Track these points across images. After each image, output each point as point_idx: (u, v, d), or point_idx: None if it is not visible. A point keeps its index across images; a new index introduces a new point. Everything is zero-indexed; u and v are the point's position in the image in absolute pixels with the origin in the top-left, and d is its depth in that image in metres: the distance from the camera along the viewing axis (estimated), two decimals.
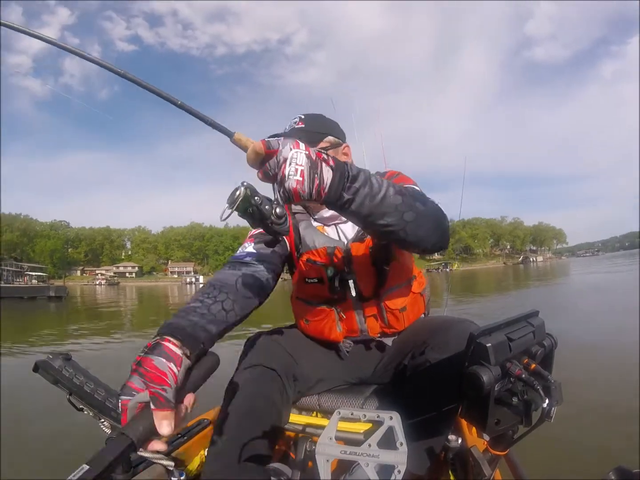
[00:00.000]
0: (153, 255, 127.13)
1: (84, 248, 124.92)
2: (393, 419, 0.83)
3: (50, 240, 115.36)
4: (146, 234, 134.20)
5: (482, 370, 0.84)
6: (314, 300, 1.49)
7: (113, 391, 1.11)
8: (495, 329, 0.90)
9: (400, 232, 1.00)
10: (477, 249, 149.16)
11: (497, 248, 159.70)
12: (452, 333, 1.24)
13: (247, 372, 1.29)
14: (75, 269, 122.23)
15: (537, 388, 0.85)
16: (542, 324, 0.98)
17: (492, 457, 1.09)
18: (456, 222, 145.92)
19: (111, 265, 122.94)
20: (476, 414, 0.91)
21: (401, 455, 0.77)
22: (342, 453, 0.79)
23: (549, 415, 0.84)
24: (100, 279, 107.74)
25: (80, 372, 1.11)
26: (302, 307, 1.52)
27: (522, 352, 0.92)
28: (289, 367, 1.35)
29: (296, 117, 1.48)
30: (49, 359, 1.11)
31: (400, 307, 1.45)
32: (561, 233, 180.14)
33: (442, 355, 1.19)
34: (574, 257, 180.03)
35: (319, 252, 1.42)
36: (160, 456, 1.21)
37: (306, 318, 1.51)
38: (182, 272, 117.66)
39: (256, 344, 1.39)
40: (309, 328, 1.52)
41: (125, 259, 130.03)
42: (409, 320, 1.49)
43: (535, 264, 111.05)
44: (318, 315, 1.47)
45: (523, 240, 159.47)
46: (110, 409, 1.08)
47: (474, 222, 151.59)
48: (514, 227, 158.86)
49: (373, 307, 1.46)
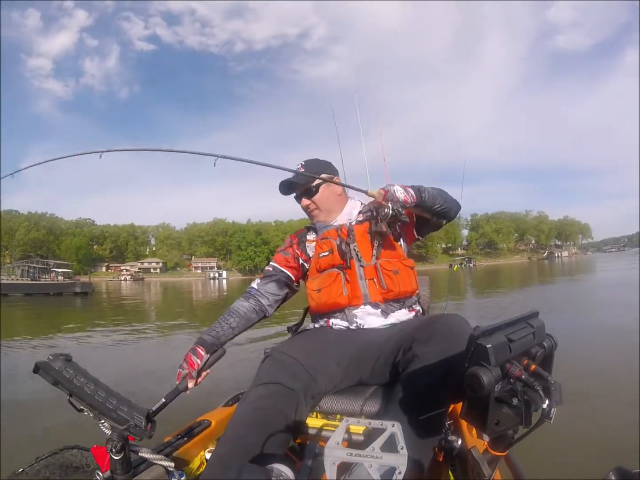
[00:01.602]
0: (177, 251, 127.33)
1: (109, 245, 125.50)
2: (395, 427, 0.86)
3: (75, 237, 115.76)
4: (170, 230, 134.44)
5: (482, 371, 0.85)
6: (326, 269, 1.82)
7: (113, 392, 1.12)
8: (495, 330, 0.91)
9: (445, 209, 1.80)
10: (501, 243, 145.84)
11: (521, 243, 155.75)
12: (436, 325, 1.40)
13: (265, 388, 1.37)
14: (101, 266, 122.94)
15: (537, 389, 0.86)
16: (542, 325, 1.00)
17: (492, 458, 1.10)
18: (480, 216, 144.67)
19: (136, 261, 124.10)
20: (476, 414, 0.92)
21: (402, 457, 0.79)
22: (349, 455, 0.81)
23: (549, 416, 0.85)
24: (125, 274, 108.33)
25: (81, 374, 1.11)
26: (316, 280, 1.83)
27: (522, 353, 0.93)
28: (308, 388, 1.44)
29: (299, 164, 1.99)
30: (49, 360, 1.11)
31: (393, 270, 1.76)
32: (587, 227, 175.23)
33: (427, 348, 1.33)
34: (599, 252, 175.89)
35: (330, 232, 1.89)
36: (160, 457, 1.23)
37: (318, 288, 1.80)
38: (206, 268, 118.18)
39: (276, 361, 1.48)
40: (320, 296, 1.78)
41: (149, 255, 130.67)
42: (403, 284, 1.76)
43: (560, 260, 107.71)
44: (328, 280, 1.78)
45: (548, 234, 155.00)
46: (110, 410, 1.08)
47: (498, 216, 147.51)
48: (538, 221, 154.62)
49: (372, 270, 1.77)
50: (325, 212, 1.98)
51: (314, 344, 1.64)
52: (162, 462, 1.22)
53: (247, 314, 1.89)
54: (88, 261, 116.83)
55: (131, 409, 1.09)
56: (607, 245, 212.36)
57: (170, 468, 1.23)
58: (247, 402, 1.35)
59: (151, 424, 1.10)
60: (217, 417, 1.76)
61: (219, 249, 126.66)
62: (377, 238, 1.81)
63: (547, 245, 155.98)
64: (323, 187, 1.96)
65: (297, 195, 2.01)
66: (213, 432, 1.66)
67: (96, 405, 1.08)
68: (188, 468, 1.44)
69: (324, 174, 1.94)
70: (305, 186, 1.95)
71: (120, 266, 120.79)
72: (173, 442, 1.51)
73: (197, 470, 1.47)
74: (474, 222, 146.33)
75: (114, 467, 1.10)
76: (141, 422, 1.08)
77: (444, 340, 1.32)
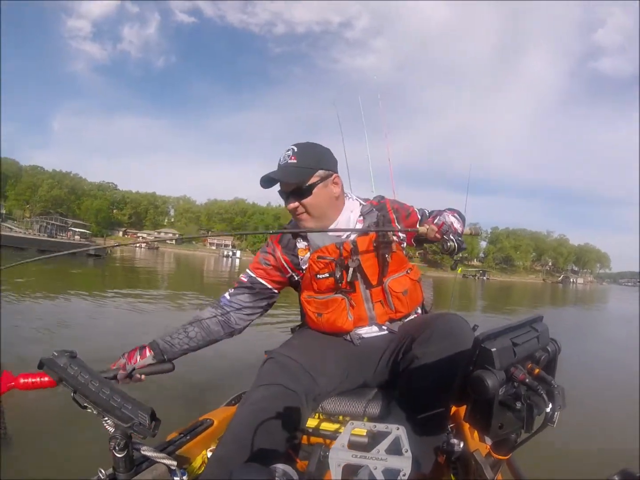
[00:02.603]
0: (195, 225, 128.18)
1: (129, 211, 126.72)
2: (400, 430, 0.86)
3: (96, 200, 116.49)
4: (190, 204, 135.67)
5: (486, 375, 0.85)
6: (325, 293, 1.62)
7: (118, 390, 1.12)
8: (500, 334, 0.91)
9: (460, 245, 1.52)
10: (518, 261, 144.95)
11: (538, 263, 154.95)
12: (435, 325, 1.37)
13: (266, 389, 1.35)
14: (118, 230, 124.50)
15: (540, 393, 0.86)
16: (547, 329, 1.00)
17: (495, 461, 1.10)
18: (500, 230, 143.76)
19: (153, 230, 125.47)
20: (480, 417, 0.92)
21: (406, 460, 0.80)
22: (354, 457, 0.82)
23: (552, 420, 0.85)
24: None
25: (86, 370, 1.10)
26: (314, 303, 1.64)
27: (526, 357, 0.93)
28: (309, 389, 1.41)
29: (289, 150, 1.59)
30: (53, 356, 1.11)
31: (402, 291, 1.62)
32: (606, 257, 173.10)
33: (427, 348, 1.32)
34: (615, 284, 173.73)
35: (328, 248, 1.58)
36: (162, 455, 1.22)
37: (318, 312, 1.63)
38: (221, 245, 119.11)
39: (277, 363, 1.44)
40: (322, 321, 1.62)
41: (167, 225, 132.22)
42: (411, 304, 1.66)
43: (574, 286, 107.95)
44: (330, 306, 1.60)
45: (566, 258, 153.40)
46: (114, 408, 1.08)
47: (518, 232, 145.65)
48: (559, 243, 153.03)
49: (379, 293, 1.62)
50: (317, 218, 1.62)
51: (315, 345, 1.61)
52: (164, 461, 1.22)
53: (210, 327, 1.64)
54: (106, 224, 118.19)
55: (135, 407, 1.09)
56: (624, 278, 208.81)
57: (173, 466, 1.24)
58: (248, 404, 1.33)
59: (155, 422, 1.10)
60: (219, 416, 1.76)
61: (236, 229, 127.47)
62: (384, 251, 1.58)
63: (563, 269, 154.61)
64: (319, 187, 1.59)
65: (284, 192, 1.64)
66: (215, 431, 1.66)
67: (100, 403, 1.08)
68: (190, 467, 1.45)
69: (321, 170, 1.60)
70: (295, 184, 1.59)
71: (137, 233, 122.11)
72: (176, 440, 1.51)
73: (199, 469, 1.47)
74: (494, 235, 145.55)
75: (117, 465, 1.10)
76: (145, 421, 1.08)
77: (443, 339, 1.31)
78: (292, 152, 1.58)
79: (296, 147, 1.60)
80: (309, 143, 1.65)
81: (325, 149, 1.68)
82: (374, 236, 1.58)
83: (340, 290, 1.59)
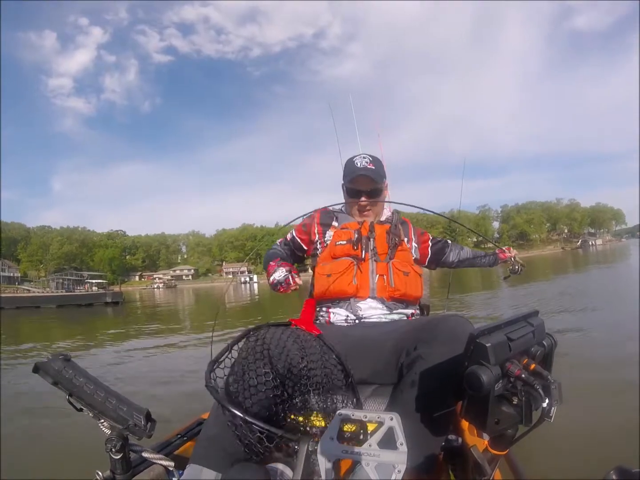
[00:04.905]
0: (208, 258, 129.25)
1: (141, 254, 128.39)
2: (393, 420, 0.83)
3: (108, 249, 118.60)
4: (200, 238, 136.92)
5: (481, 370, 0.85)
6: (340, 257, 1.87)
7: (113, 392, 1.11)
8: (495, 329, 0.91)
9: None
10: (533, 234, 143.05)
11: (554, 232, 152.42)
12: (440, 327, 1.37)
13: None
14: (134, 275, 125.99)
15: (536, 388, 0.86)
16: (542, 323, 0.99)
17: (492, 457, 1.09)
18: (510, 207, 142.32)
19: (168, 269, 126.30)
20: (476, 413, 0.91)
21: (401, 455, 0.77)
22: (344, 452, 0.79)
23: (549, 414, 0.85)
24: (157, 282, 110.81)
25: (80, 373, 1.10)
26: (327, 266, 1.87)
27: (521, 352, 0.92)
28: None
29: (366, 157, 2.01)
30: (48, 360, 1.09)
31: (404, 271, 1.83)
32: (620, 213, 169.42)
33: (432, 349, 1.31)
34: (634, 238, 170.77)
35: (351, 224, 1.96)
36: (160, 456, 1.22)
37: (329, 273, 1.83)
38: (237, 272, 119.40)
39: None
40: (329, 281, 1.81)
41: (181, 262, 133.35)
42: (410, 286, 1.82)
43: (594, 248, 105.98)
44: (340, 267, 1.82)
45: (581, 222, 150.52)
46: (110, 410, 1.07)
47: (528, 206, 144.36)
48: (570, 209, 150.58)
49: (384, 268, 1.82)
50: (376, 214, 2.03)
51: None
52: (161, 462, 1.21)
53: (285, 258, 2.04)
54: (121, 271, 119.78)
55: (130, 408, 1.08)
56: None
57: (170, 467, 1.24)
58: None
59: (151, 423, 1.09)
60: None
61: (249, 254, 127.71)
62: (394, 240, 1.89)
63: (580, 233, 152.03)
64: (384, 192, 2.05)
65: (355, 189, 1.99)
66: None
67: (95, 405, 1.08)
68: None
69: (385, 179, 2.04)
70: (376, 185, 1.98)
71: (153, 274, 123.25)
72: (173, 441, 1.51)
73: None
74: (505, 213, 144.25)
75: (114, 467, 1.10)
76: (141, 422, 1.07)
77: (448, 341, 1.30)
78: (368, 159, 2.00)
79: (369, 156, 2.03)
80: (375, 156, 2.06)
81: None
82: (388, 227, 1.94)
83: (353, 256, 1.84)
